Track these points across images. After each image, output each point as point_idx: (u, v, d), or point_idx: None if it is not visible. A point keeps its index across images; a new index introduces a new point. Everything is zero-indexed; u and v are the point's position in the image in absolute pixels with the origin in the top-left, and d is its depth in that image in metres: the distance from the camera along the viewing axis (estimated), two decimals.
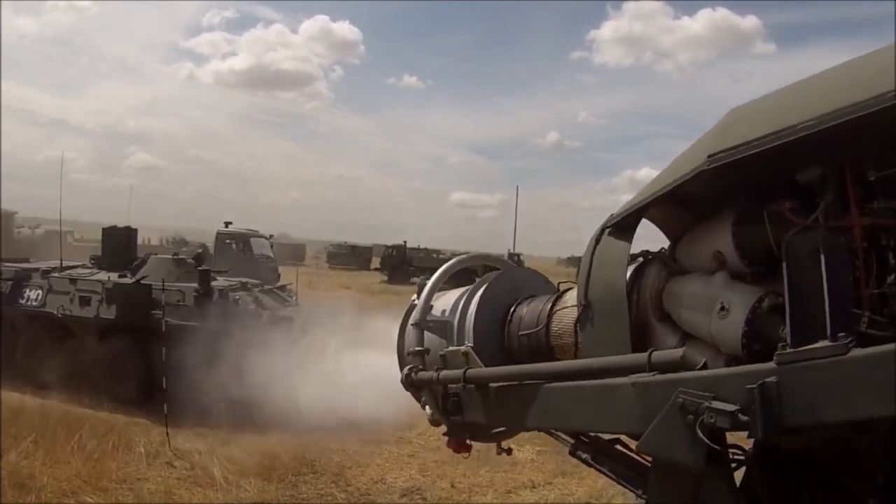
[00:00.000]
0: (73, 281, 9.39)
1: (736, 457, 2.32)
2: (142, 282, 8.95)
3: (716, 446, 1.67)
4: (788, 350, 1.66)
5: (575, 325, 2.33)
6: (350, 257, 47.65)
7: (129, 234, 11.01)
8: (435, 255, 38.59)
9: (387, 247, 41.90)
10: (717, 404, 1.67)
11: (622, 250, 2.18)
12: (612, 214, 2.28)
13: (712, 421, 1.66)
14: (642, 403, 1.90)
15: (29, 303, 9.43)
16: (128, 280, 9.25)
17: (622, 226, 2.24)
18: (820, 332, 1.64)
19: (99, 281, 9.29)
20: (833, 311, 1.64)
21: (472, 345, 2.61)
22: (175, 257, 10.30)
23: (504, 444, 2.91)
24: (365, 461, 6.79)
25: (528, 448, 7.43)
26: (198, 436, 7.05)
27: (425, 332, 2.84)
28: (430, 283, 2.94)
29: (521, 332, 2.63)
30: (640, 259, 2.26)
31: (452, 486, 6.16)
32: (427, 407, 2.73)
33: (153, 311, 8.46)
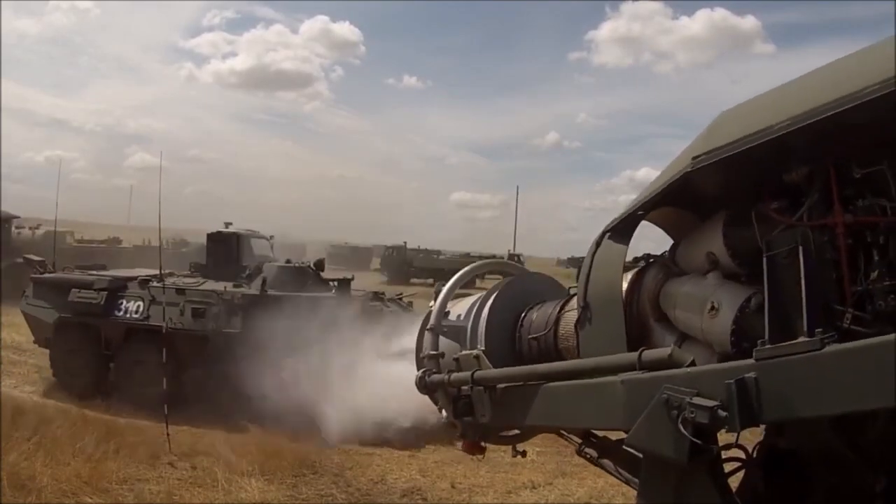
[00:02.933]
0: (180, 291, 8.56)
1: (736, 458, 2.36)
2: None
3: (698, 441, 1.68)
4: (766, 346, 1.69)
5: (575, 326, 2.38)
6: (350, 258, 47.64)
7: (236, 240, 10.14)
8: (435, 256, 38.55)
9: (387, 247, 41.87)
10: (697, 400, 1.71)
11: (619, 253, 2.24)
12: (613, 219, 2.33)
13: (692, 416, 1.70)
14: (631, 400, 1.95)
15: (128, 315, 8.54)
16: (248, 290, 8.46)
17: (620, 229, 2.29)
18: (798, 329, 1.65)
19: (213, 291, 8.50)
20: (810, 308, 1.66)
21: (483, 348, 2.68)
22: (294, 265, 9.48)
23: (519, 447, 2.98)
24: (365, 461, 6.80)
25: (529, 449, 7.44)
26: (198, 436, 7.06)
27: (441, 336, 2.93)
28: (445, 290, 3.03)
29: (530, 336, 2.69)
30: (642, 263, 2.31)
31: (453, 487, 6.17)
32: (442, 410, 2.82)
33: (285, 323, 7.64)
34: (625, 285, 2.24)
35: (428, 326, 2.99)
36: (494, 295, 2.87)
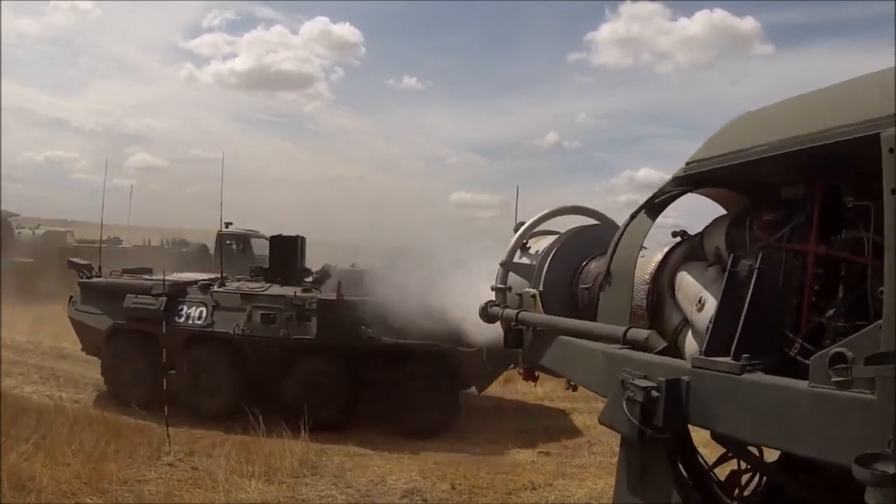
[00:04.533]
0: (246, 296, 8.27)
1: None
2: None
3: (640, 422, 1.78)
4: (700, 357, 1.78)
5: (598, 289, 2.52)
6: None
7: (298, 243, 9.72)
8: None
9: (386, 248, 41.76)
10: (638, 380, 1.83)
11: (642, 230, 2.36)
12: (648, 197, 2.42)
13: (632, 395, 1.82)
14: (606, 371, 2.12)
15: (190, 322, 8.19)
16: (320, 295, 8.18)
17: (651, 208, 2.38)
18: (740, 347, 1.68)
19: (282, 296, 8.19)
20: (744, 331, 1.69)
21: (541, 289, 2.89)
22: (360, 268, 9.08)
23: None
24: (365, 462, 6.79)
25: (529, 451, 7.45)
26: (199, 437, 7.05)
27: (511, 272, 3.23)
28: (522, 229, 3.29)
29: (582, 285, 2.84)
30: (678, 239, 2.36)
31: (453, 488, 6.16)
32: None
33: (362, 329, 7.58)
34: (657, 259, 2.34)
35: (500, 262, 3.28)
36: (562, 240, 3.04)
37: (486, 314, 3.23)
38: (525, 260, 3.24)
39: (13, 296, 15.42)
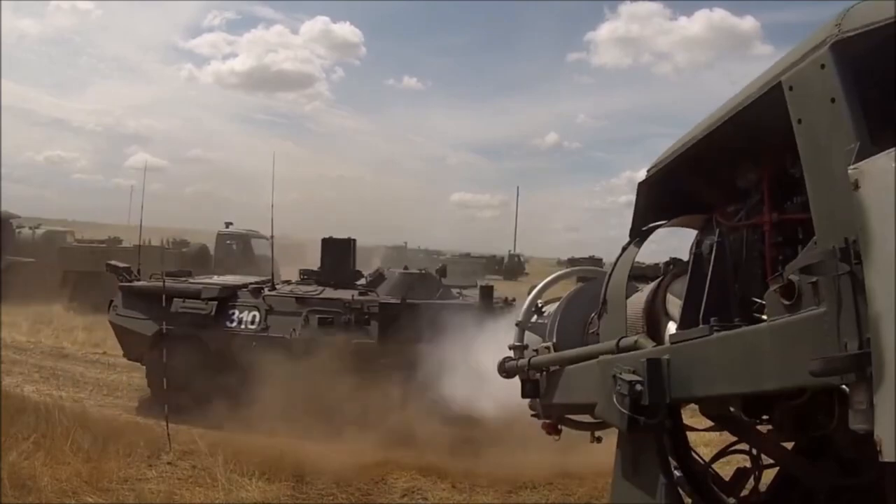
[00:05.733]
0: (301, 300, 8.10)
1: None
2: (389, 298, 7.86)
3: (630, 413, 1.89)
4: (678, 332, 1.93)
5: (598, 318, 2.75)
6: None
7: (349, 245, 9.51)
8: (436, 257, 38.53)
9: (387, 248, 41.86)
10: (625, 375, 1.95)
11: (628, 260, 2.60)
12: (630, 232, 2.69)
13: (619, 388, 1.95)
14: (601, 378, 2.25)
15: (243, 326, 7.99)
16: (384, 298, 8.01)
17: (635, 240, 2.66)
18: (708, 312, 1.85)
19: (339, 299, 8.02)
20: (710, 299, 1.88)
21: (554, 341, 3.13)
22: (417, 272, 9.06)
23: (597, 434, 3.29)
24: (366, 461, 6.79)
25: (529, 451, 7.43)
26: (199, 436, 7.05)
27: (527, 331, 3.53)
28: (535, 291, 3.68)
29: (591, 331, 3.04)
30: (671, 267, 2.57)
31: (453, 487, 6.16)
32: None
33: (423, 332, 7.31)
34: (652, 286, 2.59)
35: (516, 322, 3.60)
36: (569, 297, 3.35)
37: (504, 369, 3.48)
38: (539, 321, 3.56)
39: (13, 296, 15.43)
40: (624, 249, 2.70)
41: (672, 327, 2.30)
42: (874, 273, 1.18)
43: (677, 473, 2.19)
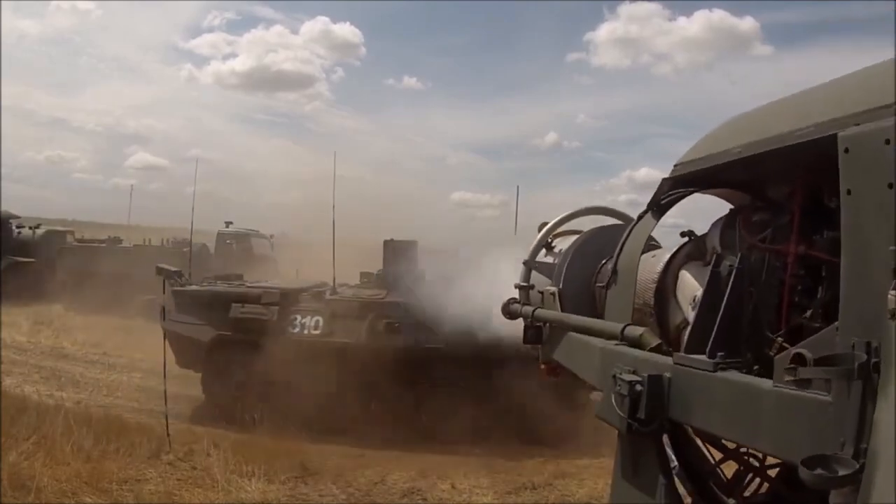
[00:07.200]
0: (365, 305, 7.85)
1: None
2: None
3: (627, 416, 1.84)
4: (681, 354, 1.84)
5: (604, 288, 2.59)
6: None
7: (412, 247, 9.14)
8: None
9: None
10: (626, 376, 1.89)
11: (645, 230, 2.42)
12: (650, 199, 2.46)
13: (619, 389, 1.88)
14: (601, 367, 2.20)
15: (306, 332, 7.74)
16: None
17: (662, 206, 2.41)
18: (715, 345, 1.71)
19: (404, 303, 7.81)
20: (720, 330, 1.71)
21: (560, 287, 2.96)
22: None
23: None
24: (365, 462, 6.79)
25: (529, 451, 7.44)
26: (199, 436, 7.05)
27: (533, 271, 3.35)
28: (546, 228, 3.40)
29: (598, 284, 2.89)
30: (686, 239, 2.37)
31: (453, 488, 6.16)
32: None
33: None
34: (665, 259, 2.38)
35: (524, 260, 3.39)
36: (582, 241, 3.11)
37: (508, 311, 3.36)
38: (549, 259, 3.31)
39: (13, 296, 15.43)
40: (640, 218, 2.47)
41: (679, 316, 2.22)
42: (885, 407, 1.10)
43: (677, 470, 2.17)
